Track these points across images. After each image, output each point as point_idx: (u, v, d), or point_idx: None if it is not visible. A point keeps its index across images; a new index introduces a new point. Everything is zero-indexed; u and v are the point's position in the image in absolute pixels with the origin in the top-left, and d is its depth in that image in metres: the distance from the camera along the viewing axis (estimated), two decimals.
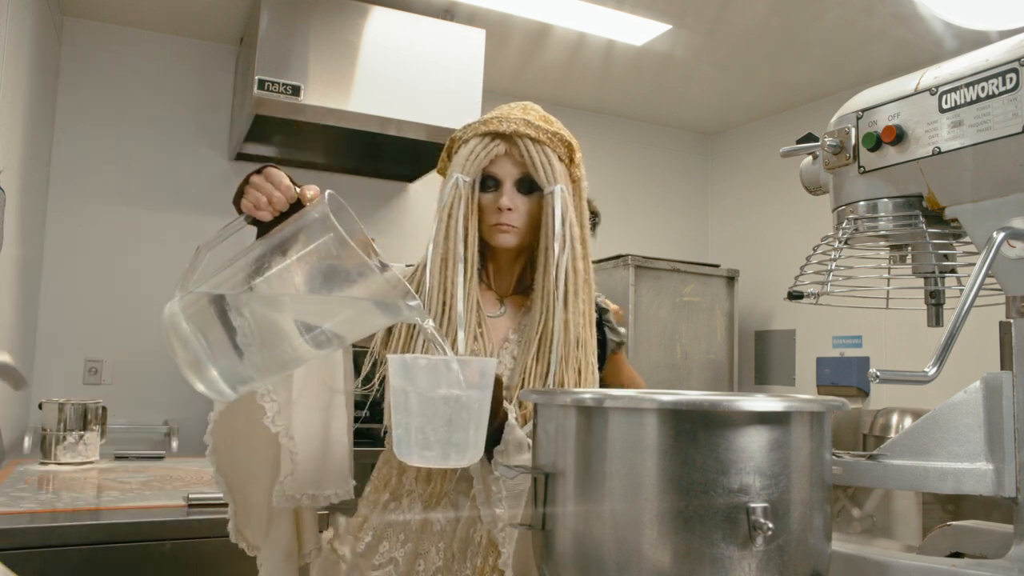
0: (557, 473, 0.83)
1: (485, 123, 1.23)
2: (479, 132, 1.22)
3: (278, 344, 0.93)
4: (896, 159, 0.95)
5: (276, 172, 1.01)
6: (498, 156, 1.22)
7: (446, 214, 1.20)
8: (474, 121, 1.26)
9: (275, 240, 0.91)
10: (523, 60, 3.63)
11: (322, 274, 0.89)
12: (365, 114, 2.99)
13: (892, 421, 3.11)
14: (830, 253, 1.00)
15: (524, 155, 1.21)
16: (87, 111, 3.33)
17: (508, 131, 1.21)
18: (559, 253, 1.20)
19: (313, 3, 2.96)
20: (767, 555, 0.76)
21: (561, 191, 1.22)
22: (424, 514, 1.19)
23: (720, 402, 0.76)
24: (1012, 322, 0.88)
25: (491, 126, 1.22)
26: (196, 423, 3.34)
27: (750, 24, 3.20)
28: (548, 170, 1.22)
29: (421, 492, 1.20)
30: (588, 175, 1.35)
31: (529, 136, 1.22)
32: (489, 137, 1.21)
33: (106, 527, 1.56)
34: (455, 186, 1.20)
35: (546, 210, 1.22)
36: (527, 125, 1.22)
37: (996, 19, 1.41)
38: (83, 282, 3.28)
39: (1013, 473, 0.85)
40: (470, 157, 1.21)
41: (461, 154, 1.22)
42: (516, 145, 1.22)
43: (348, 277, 0.88)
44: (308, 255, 0.89)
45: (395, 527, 1.21)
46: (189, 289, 0.92)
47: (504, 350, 1.24)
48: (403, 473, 1.22)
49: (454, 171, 1.21)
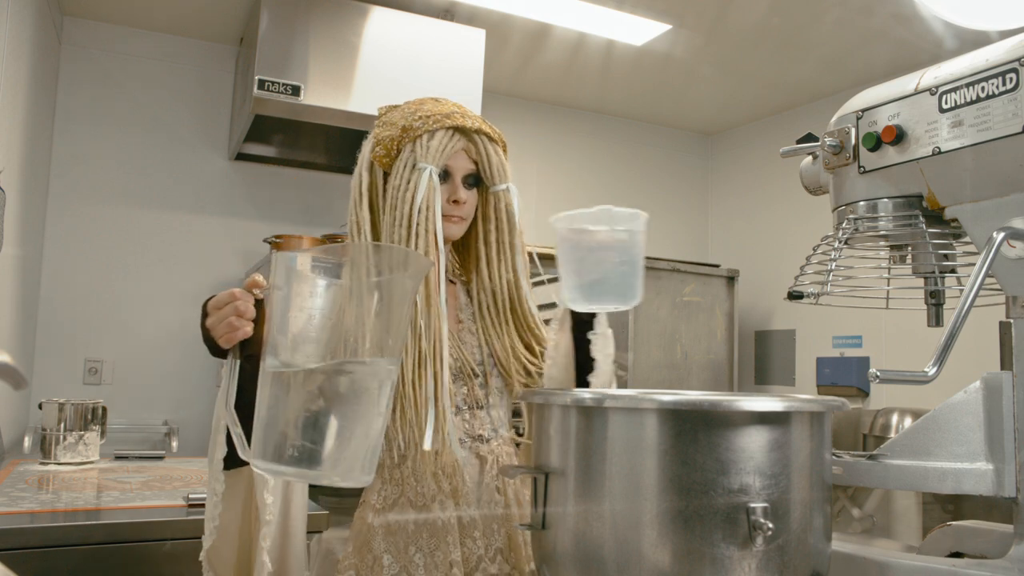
0: (557, 473, 0.83)
1: (449, 116, 1.24)
2: (445, 125, 1.24)
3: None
4: (896, 159, 0.95)
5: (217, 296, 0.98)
6: (457, 150, 1.26)
7: (425, 206, 1.20)
8: (431, 110, 1.25)
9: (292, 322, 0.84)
10: (523, 60, 3.63)
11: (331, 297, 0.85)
12: (365, 114, 2.98)
13: (892, 421, 3.11)
14: (830, 253, 1.00)
15: (481, 152, 1.27)
16: (87, 111, 3.33)
17: (471, 127, 1.26)
18: (520, 245, 1.30)
19: (313, 3, 2.96)
20: (767, 555, 0.76)
21: (515, 188, 1.30)
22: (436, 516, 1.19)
23: (720, 402, 0.76)
24: (1012, 322, 0.88)
25: (455, 120, 1.24)
26: (196, 423, 3.34)
27: (750, 24, 3.20)
28: (500, 168, 1.29)
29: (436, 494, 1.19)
30: (588, 175, 1.40)
31: (487, 134, 1.28)
32: (452, 131, 1.24)
33: (106, 527, 1.56)
34: (430, 178, 1.21)
35: (497, 205, 1.29)
36: (482, 123, 1.28)
37: (996, 19, 1.41)
38: (83, 282, 3.28)
39: (1013, 473, 0.85)
40: (439, 149, 1.23)
41: (430, 146, 1.23)
42: (473, 141, 1.26)
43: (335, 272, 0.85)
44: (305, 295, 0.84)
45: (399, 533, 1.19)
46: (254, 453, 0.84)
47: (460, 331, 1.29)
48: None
49: (425, 162, 1.22)
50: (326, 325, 0.83)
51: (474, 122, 1.26)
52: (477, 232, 1.31)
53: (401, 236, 1.20)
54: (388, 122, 1.27)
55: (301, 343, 0.83)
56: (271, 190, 3.60)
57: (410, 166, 1.22)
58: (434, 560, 1.16)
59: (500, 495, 1.23)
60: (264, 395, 0.84)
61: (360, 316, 0.84)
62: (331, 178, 3.69)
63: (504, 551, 1.21)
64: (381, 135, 1.26)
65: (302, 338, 0.83)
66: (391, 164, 1.25)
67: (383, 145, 1.25)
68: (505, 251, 1.30)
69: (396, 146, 1.24)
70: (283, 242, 3.11)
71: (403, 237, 1.20)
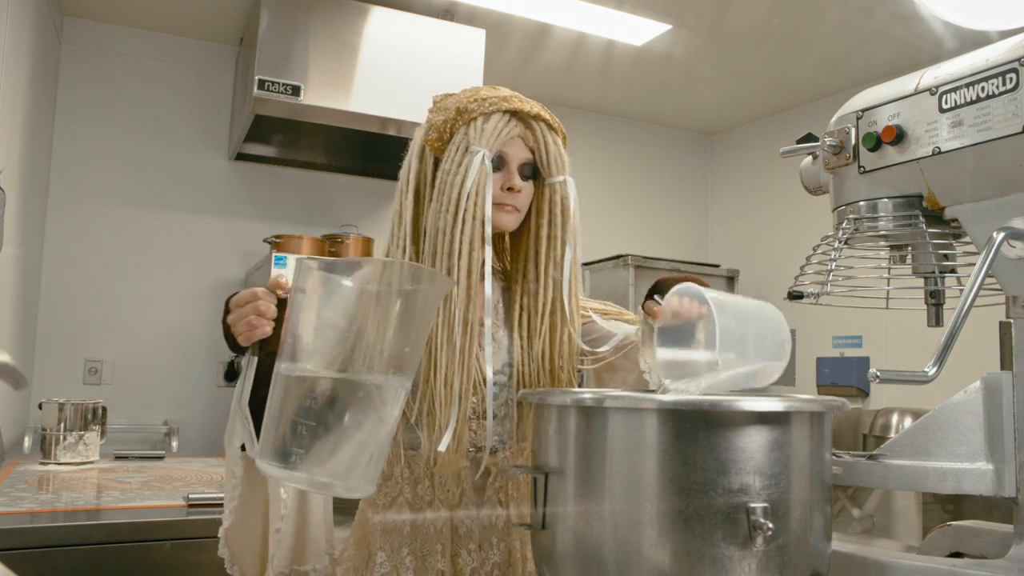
0: (557, 473, 0.83)
1: (506, 100, 1.17)
2: (501, 108, 1.16)
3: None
4: (896, 159, 0.95)
5: (240, 294, 0.96)
6: (513, 137, 1.17)
7: (474, 192, 1.12)
8: (487, 94, 1.18)
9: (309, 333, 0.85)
10: (523, 60, 3.63)
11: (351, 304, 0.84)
12: (365, 114, 2.99)
13: (892, 421, 3.11)
14: (830, 253, 1.00)
15: (539, 140, 1.18)
16: (87, 111, 3.33)
17: (530, 112, 1.17)
18: (574, 244, 1.19)
19: (313, 3, 2.96)
20: (767, 555, 0.76)
21: (572, 181, 1.20)
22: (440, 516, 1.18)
23: (720, 402, 0.76)
24: (1012, 322, 0.88)
25: (513, 104, 1.16)
26: (196, 423, 3.35)
27: (750, 24, 3.20)
28: (558, 159, 1.19)
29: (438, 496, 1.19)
30: (588, 175, 1.36)
31: (546, 121, 1.19)
32: (510, 115, 1.16)
33: (106, 527, 1.56)
34: (482, 162, 1.13)
35: (552, 198, 1.19)
36: (543, 109, 1.19)
37: (996, 19, 1.40)
38: (83, 282, 3.28)
39: (1013, 473, 0.85)
40: (494, 133, 1.14)
41: (485, 129, 1.14)
42: (531, 128, 1.18)
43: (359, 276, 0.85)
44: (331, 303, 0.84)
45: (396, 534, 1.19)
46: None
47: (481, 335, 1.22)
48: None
49: (478, 145, 1.14)
50: (343, 335, 0.83)
51: (532, 107, 1.17)
52: (529, 227, 1.21)
53: (447, 223, 1.12)
54: (442, 107, 1.19)
55: (315, 350, 0.83)
56: (271, 190, 3.60)
57: (462, 149, 1.14)
58: (424, 565, 1.14)
59: (502, 508, 1.18)
60: (275, 397, 0.84)
61: (379, 329, 0.83)
62: (331, 178, 3.69)
63: (502, 566, 1.17)
64: (434, 120, 1.18)
65: (317, 345, 0.83)
66: (443, 149, 1.17)
67: (436, 128, 1.17)
68: (556, 248, 1.19)
69: (449, 129, 1.16)
70: (283, 242, 3.11)
71: (448, 224, 1.12)
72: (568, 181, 1.20)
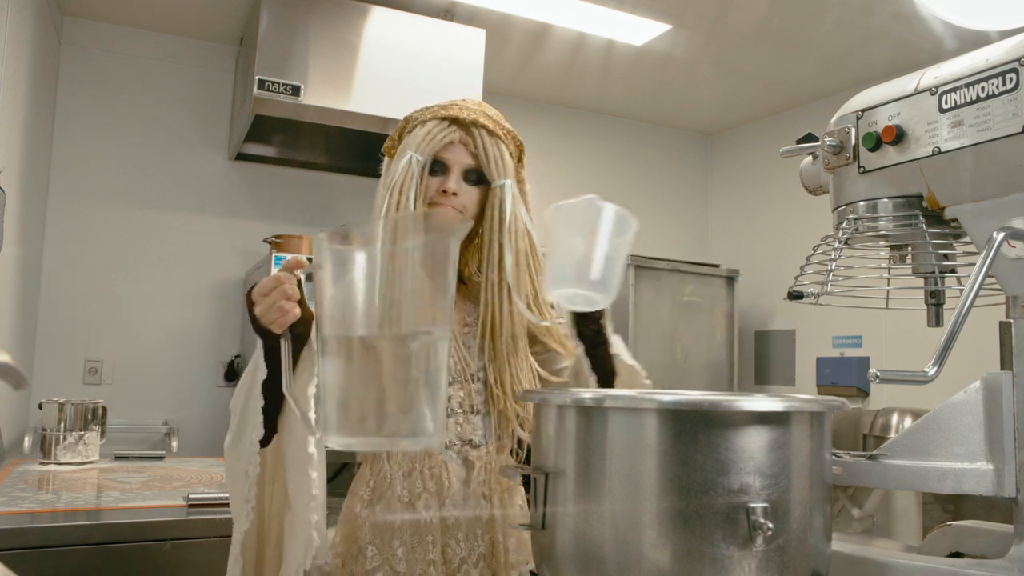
0: (557, 473, 0.83)
1: (445, 108, 1.23)
2: (437, 115, 1.22)
3: None
4: (896, 159, 0.95)
5: (261, 284, 0.98)
6: (452, 142, 1.22)
7: (396, 191, 1.18)
8: (432, 104, 1.25)
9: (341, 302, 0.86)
10: (523, 60, 3.63)
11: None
12: (365, 114, 2.99)
13: (892, 421, 3.11)
14: (830, 253, 1.00)
15: (479, 145, 1.22)
16: (87, 111, 3.33)
17: (467, 119, 1.22)
18: (513, 247, 1.22)
19: (313, 3, 2.96)
20: (767, 555, 0.76)
21: (511, 185, 1.24)
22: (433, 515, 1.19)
23: (720, 402, 0.76)
24: (1012, 322, 0.88)
25: (451, 111, 1.22)
26: (196, 423, 3.35)
27: (750, 24, 3.20)
28: (499, 163, 1.23)
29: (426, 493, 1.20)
30: (588, 175, 1.36)
31: (486, 127, 1.23)
32: (447, 122, 1.22)
33: (106, 527, 1.56)
34: (408, 164, 1.19)
35: (493, 202, 1.23)
36: (485, 116, 1.24)
37: (996, 19, 1.41)
38: (83, 282, 3.28)
39: (1013, 473, 0.85)
40: (426, 138, 1.21)
41: (417, 134, 1.21)
42: (471, 134, 1.22)
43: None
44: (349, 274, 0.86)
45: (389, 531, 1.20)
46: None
47: (465, 335, 1.26)
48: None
49: (408, 149, 1.21)
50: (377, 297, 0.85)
51: (471, 114, 1.22)
52: (478, 231, 1.26)
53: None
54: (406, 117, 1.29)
55: (363, 314, 0.85)
56: (271, 190, 3.60)
57: (400, 154, 1.22)
58: (415, 556, 1.16)
59: (487, 501, 1.22)
60: (327, 372, 0.85)
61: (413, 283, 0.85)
62: (331, 178, 3.69)
63: (487, 557, 1.20)
64: (395, 130, 1.28)
65: (359, 310, 0.85)
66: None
67: (391, 138, 1.26)
68: (493, 251, 1.23)
69: (398, 136, 1.25)
70: (283, 242, 3.11)
71: None
72: (505, 185, 1.23)
